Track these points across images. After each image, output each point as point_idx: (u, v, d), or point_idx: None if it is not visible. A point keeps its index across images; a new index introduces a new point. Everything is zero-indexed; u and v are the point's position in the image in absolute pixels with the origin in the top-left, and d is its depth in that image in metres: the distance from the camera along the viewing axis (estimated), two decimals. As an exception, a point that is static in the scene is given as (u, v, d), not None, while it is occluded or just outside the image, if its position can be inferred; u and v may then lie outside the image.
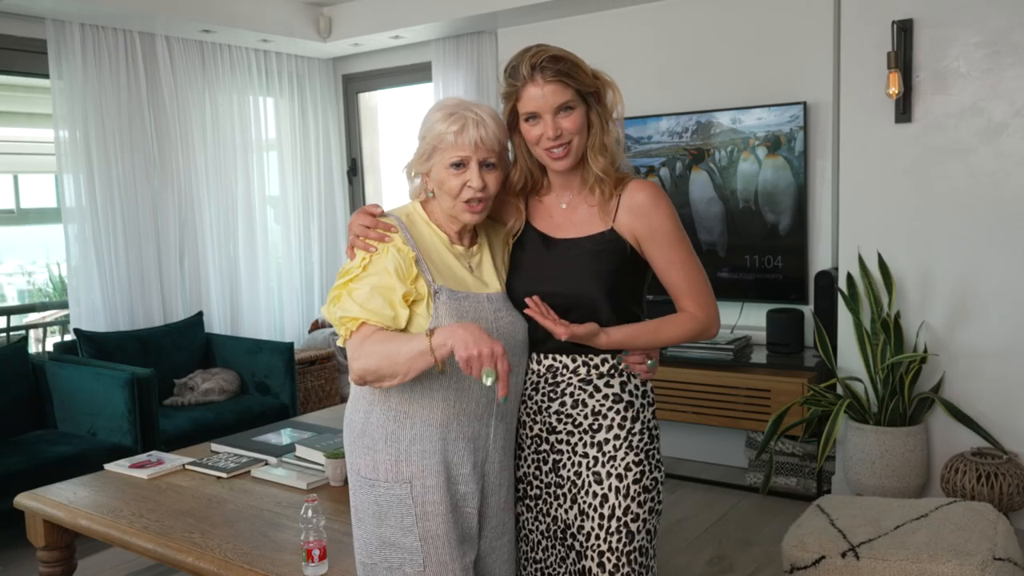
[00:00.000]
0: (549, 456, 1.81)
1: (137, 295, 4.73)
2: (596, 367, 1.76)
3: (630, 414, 1.76)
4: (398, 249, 1.67)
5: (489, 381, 1.47)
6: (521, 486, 1.85)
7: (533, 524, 1.85)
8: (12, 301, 5.90)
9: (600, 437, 1.75)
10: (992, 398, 3.57)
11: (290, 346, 4.72)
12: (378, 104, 6.12)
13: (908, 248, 3.69)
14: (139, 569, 3.34)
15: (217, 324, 5.14)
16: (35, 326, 5.49)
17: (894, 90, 3.54)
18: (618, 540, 1.71)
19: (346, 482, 2.14)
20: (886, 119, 3.68)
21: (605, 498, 1.72)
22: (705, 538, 3.54)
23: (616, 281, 1.74)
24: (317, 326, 5.70)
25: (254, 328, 5.34)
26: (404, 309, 1.64)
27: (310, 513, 2.06)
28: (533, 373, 1.80)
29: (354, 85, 5.94)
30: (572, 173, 1.77)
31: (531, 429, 1.82)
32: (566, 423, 1.77)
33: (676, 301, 1.78)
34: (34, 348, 5.16)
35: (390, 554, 1.70)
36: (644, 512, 1.73)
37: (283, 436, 3.14)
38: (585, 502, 1.75)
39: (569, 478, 1.78)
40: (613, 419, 1.75)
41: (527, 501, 1.85)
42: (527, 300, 1.65)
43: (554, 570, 1.84)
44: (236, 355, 4.76)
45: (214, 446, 3.10)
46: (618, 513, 1.72)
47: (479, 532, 1.76)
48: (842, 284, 3.79)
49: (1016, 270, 3.49)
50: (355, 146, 6.02)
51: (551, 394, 1.78)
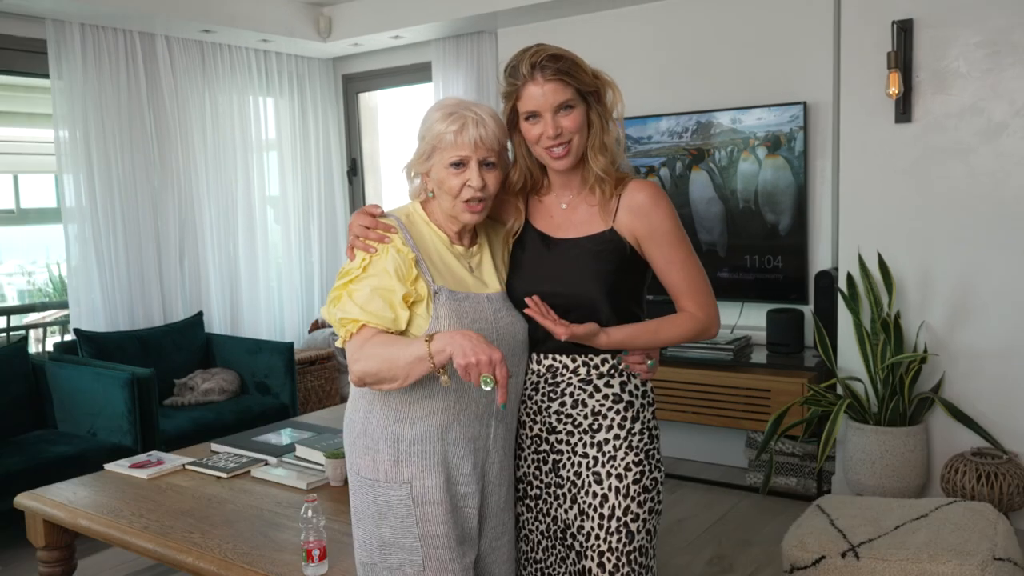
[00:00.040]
0: (549, 456, 1.80)
1: (137, 295, 4.73)
2: (596, 367, 1.76)
3: (630, 414, 1.76)
4: (398, 250, 1.66)
5: (488, 388, 1.47)
6: (521, 486, 1.85)
7: (533, 524, 1.85)
8: (12, 301, 5.90)
9: (600, 437, 1.75)
10: (992, 398, 3.57)
11: (290, 346, 4.72)
12: (378, 104, 6.12)
13: (908, 248, 3.69)
14: (139, 569, 3.34)
15: (217, 324, 5.14)
16: (35, 326, 5.49)
17: (894, 90, 3.54)
18: (618, 540, 1.71)
19: (346, 482, 2.14)
20: (886, 119, 3.68)
21: (605, 498, 1.72)
22: (705, 538, 3.54)
23: (616, 281, 1.74)
24: (317, 326, 5.70)
25: (254, 328, 5.34)
26: (404, 311, 1.64)
27: (310, 513, 2.06)
28: (533, 373, 1.80)
29: (354, 85, 5.94)
30: (572, 173, 1.77)
31: (531, 429, 1.82)
32: (566, 423, 1.77)
33: (676, 301, 1.78)
34: (34, 348, 5.16)
35: (390, 554, 1.70)
36: (644, 512, 1.73)
37: (283, 436, 3.14)
38: (585, 502, 1.75)
39: (569, 478, 1.78)
40: (613, 419, 1.75)
41: (527, 501, 1.85)
42: (527, 300, 1.65)
43: (554, 570, 1.84)
44: (236, 355, 4.76)
45: (214, 446, 3.10)
46: (618, 513, 1.72)
47: (479, 532, 1.76)
48: (842, 284, 3.79)
49: (1016, 270, 3.49)
50: (355, 146, 6.02)
51: (551, 394, 1.78)
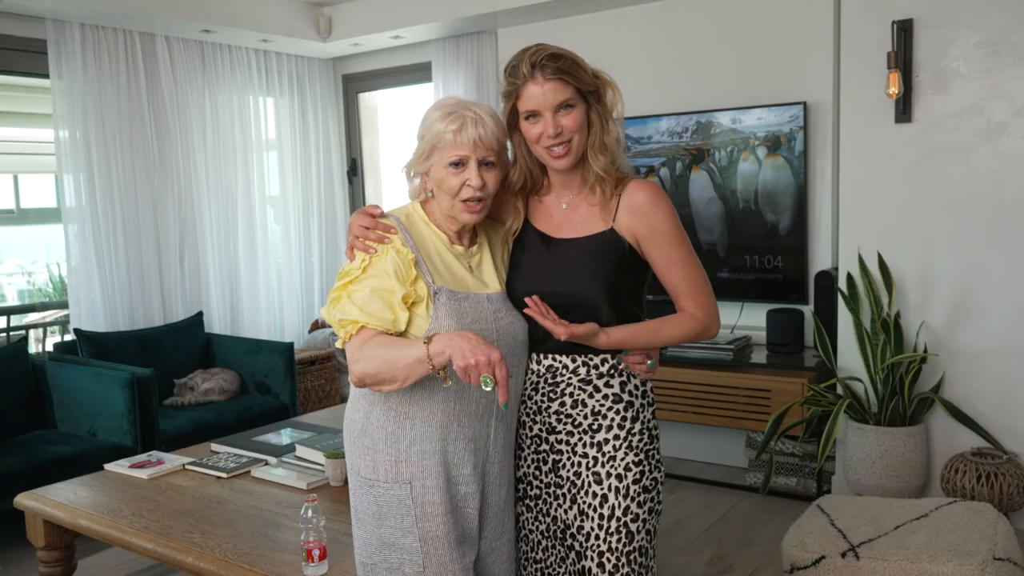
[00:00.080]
0: (549, 456, 1.80)
1: (137, 295, 4.73)
2: (596, 367, 1.76)
3: (630, 414, 1.76)
4: (397, 251, 1.66)
5: (488, 388, 1.47)
6: (521, 486, 1.85)
7: (533, 524, 1.85)
8: (12, 301, 5.90)
9: (600, 437, 1.75)
10: (992, 398, 3.57)
11: (290, 346, 4.72)
12: (378, 104, 6.12)
13: (908, 248, 3.69)
14: (139, 569, 3.34)
15: (217, 324, 5.14)
16: (35, 326, 5.49)
17: (894, 90, 3.54)
18: (618, 540, 1.71)
19: (346, 482, 2.14)
20: (886, 119, 3.68)
21: (605, 498, 1.72)
22: (705, 538, 3.54)
23: (616, 281, 1.74)
24: (317, 326, 5.70)
25: (254, 328, 5.34)
26: (403, 312, 1.64)
27: (310, 513, 2.06)
28: (533, 373, 1.80)
29: (354, 85, 5.94)
30: (572, 173, 1.77)
31: (531, 429, 1.82)
32: (566, 423, 1.77)
33: (676, 301, 1.77)
34: (34, 348, 5.16)
35: (390, 554, 1.70)
36: (644, 512, 1.73)
37: (283, 436, 3.14)
38: (585, 502, 1.75)
39: (569, 478, 1.78)
40: (613, 419, 1.75)
41: (527, 501, 1.85)
42: (526, 300, 1.65)
43: (554, 570, 1.84)
44: (236, 355, 4.76)
45: (214, 446, 3.10)
46: (618, 513, 1.72)
47: (479, 532, 1.76)
48: (842, 284, 3.79)
49: (1016, 270, 3.49)
50: (355, 146, 6.02)
51: (551, 394, 1.78)
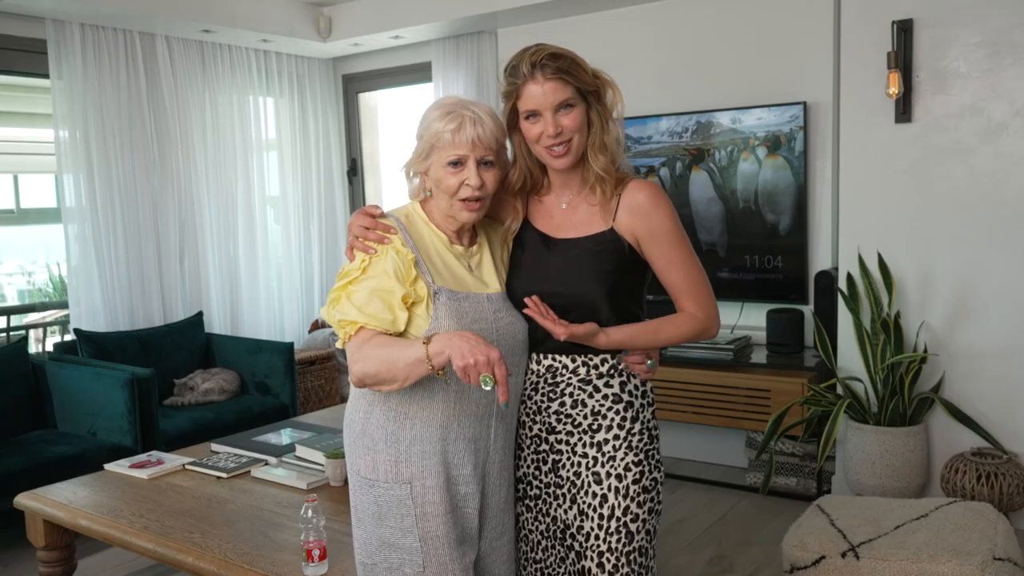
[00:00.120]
0: (549, 456, 1.80)
1: (137, 295, 4.73)
2: (596, 367, 1.76)
3: (630, 414, 1.76)
4: (397, 251, 1.66)
5: (488, 387, 1.47)
6: (521, 486, 1.85)
7: (533, 524, 1.85)
8: (12, 301, 5.90)
9: (600, 437, 1.75)
10: (992, 398, 3.57)
11: (290, 346, 4.72)
12: (378, 104, 6.12)
13: (908, 248, 3.69)
14: (139, 569, 3.34)
15: (217, 324, 5.14)
16: (35, 326, 5.49)
17: (894, 90, 3.54)
18: (617, 540, 1.71)
19: (346, 482, 2.14)
20: (886, 119, 3.68)
21: (604, 498, 1.72)
22: (705, 538, 3.54)
23: (616, 281, 1.74)
24: (317, 326, 5.70)
25: (254, 328, 5.34)
26: (403, 312, 1.64)
27: (310, 513, 2.06)
28: (533, 373, 1.80)
29: (354, 85, 5.94)
30: (572, 173, 1.77)
31: (531, 429, 1.81)
32: (566, 423, 1.77)
33: (676, 301, 1.77)
34: (34, 348, 5.16)
35: (390, 554, 1.70)
36: (643, 512, 1.73)
37: (283, 436, 3.14)
38: (585, 502, 1.75)
39: (568, 478, 1.78)
40: (612, 419, 1.75)
41: (527, 501, 1.85)
42: (526, 300, 1.65)
43: (554, 570, 1.84)
44: (236, 355, 4.76)
45: (214, 446, 3.10)
46: (617, 513, 1.72)
47: (479, 532, 1.76)
48: (842, 284, 3.79)
49: (1016, 270, 3.49)
50: (355, 146, 6.02)
51: (551, 394, 1.78)
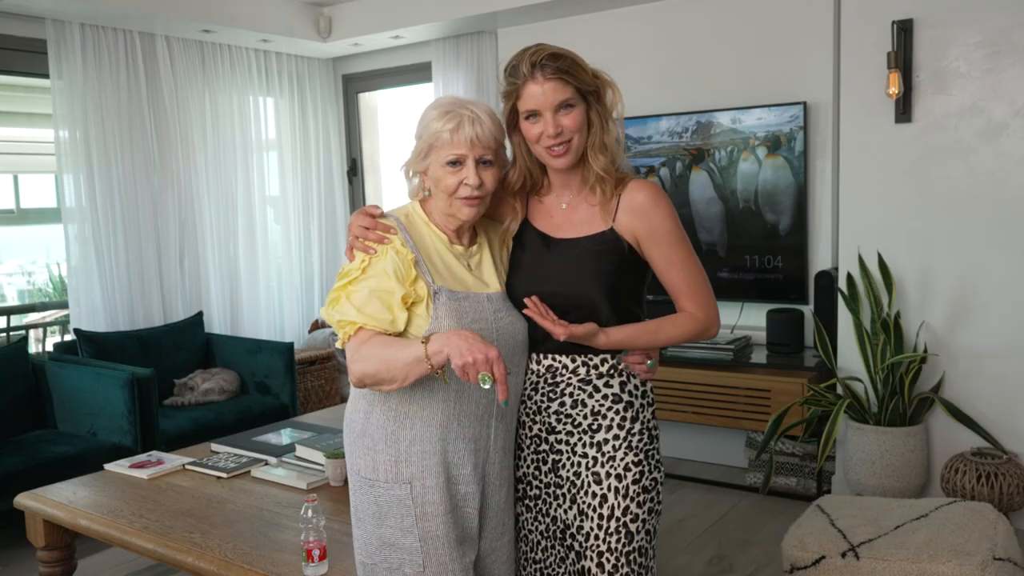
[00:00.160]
0: (548, 456, 1.80)
1: (137, 295, 4.73)
2: (595, 367, 1.76)
3: (629, 414, 1.76)
4: (397, 251, 1.66)
5: (487, 386, 1.47)
6: (521, 486, 1.85)
7: (532, 524, 1.85)
8: (12, 301, 5.90)
9: (599, 437, 1.75)
10: (992, 398, 3.57)
11: (290, 346, 4.72)
12: (378, 104, 6.12)
13: (908, 248, 3.69)
14: (139, 569, 3.34)
15: (217, 324, 5.14)
16: (35, 326, 5.49)
17: (894, 90, 3.54)
18: (617, 540, 1.71)
19: (346, 482, 2.14)
20: (886, 119, 3.68)
21: (604, 498, 1.72)
22: (705, 538, 3.54)
23: (616, 281, 1.74)
24: (317, 326, 5.70)
25: (254, 328, 5.34)
26: (402, 312, 1.64)
27: (310, 513, 2.06)
28: (532, 373, 1.80)
29: (354, 85, 5.94)
30: (572, 173, 1.77)
31: (530, 429, 1.81)
32: (565, 423, 1.77)
33: (676, 301, 1.77)
34: (34, 348, 5.16)
35: (390, 554, 1.70)
36: (643, 512, 1.73)
37: (283, 436, 3.14)
38: (584, 502, 1.75)
39: (568, 478, 1.78)
40: (612, 419, 1.75)
41: (527, 501, 1.85)
42: (526, 300, 1.65)
43: (553, 570, 1.84)
44: (236, 355, 4.76)
45: (214, 446, 3.10)
46: (617, 513, 1.72)
47: (479, 532, 1.76)
48: (842, 284, 3.79)
49: (1016, 270, 3.49)
50: (355, 146, 6.02)
51: (550, 394, 1.78)
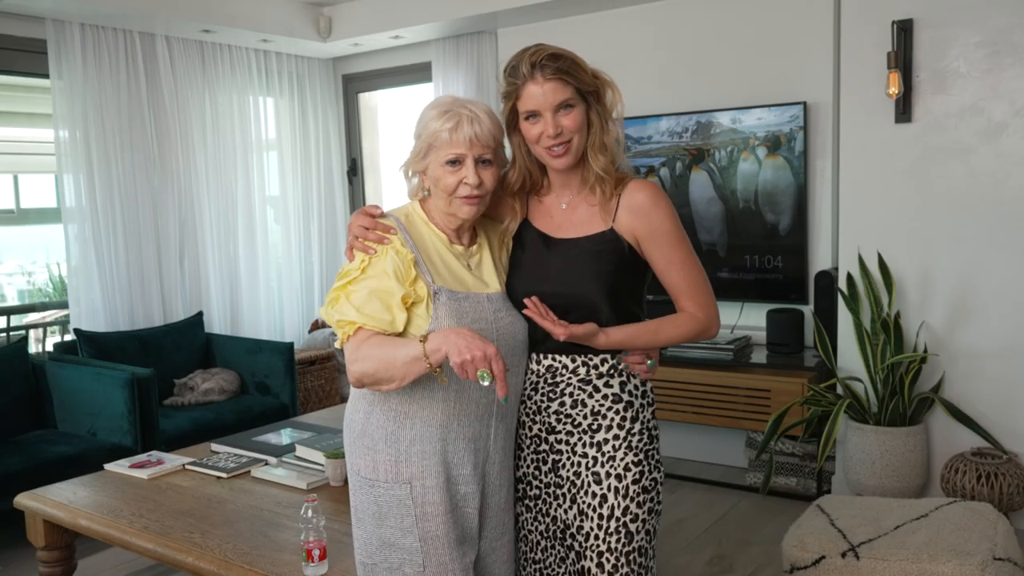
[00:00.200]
0: (548, 456, 1.80)
1: (137, 295, 4.73)
2: (595, 367, 1.76)
3: (629, 414, 1.76)
4: (396, 251, 1.66)
5: (486, 383, 1.47)
6: (520, 486, 1.85)
7: (532, 524, 1.85)
8: (12, 301, 5.90)
9: (599, 437, 1.75)
10: (992, 398, 3.57)
11: (290, 346, 4.72)
12: (378, 104, 6.12)
13: (908, 248, 3.69)
14: (139, 569, 3.34)
15: (217, 324, 5.14)
16: (35, 326, 5.49)
17: (894, 90, 3.54)
18: (617, 540, 1.71)
19: (346, 482, 2.14)
20: (886, 119, 3.68)
21: (604, 498, 1.72)
22: (705, 538, 3.54)
23: (616, 281, 1.74)
24: (317, 326, 5.70)
25: (254, 328, 5.34)
26: (402, 313, 1.64)
27: (310, 513, 2.06)
28: (532, 373, 1.80)
29: (354, 85, 5.93)
30: (572, 173, 1.77)
31: (530, 429, 1.81)
32: (565, 423, 1.77)
33: (676, 301, 1.77)
34: (34, 348, 5.16)
35: (390, 554, 1.70)
36: (643, 512, 1.73)
37: (283, 436, 3.14)
38: (584, 502, 1.75)
39: (568, 478, 1.78)
40: (612, 419, 1.75)
41: (526, 501, 1.85)
42: (525, 301, 1.65)
43: (553, 570, 1.84)
44: (236, 355, 4.76)
45: (214, 446, 3.10)
46: (617, 513, 1.72)
47: (479, 532, 1.76)
48: (842, 284, 3.79)
49: (1016, 270, 3.49)
50: (355, 146, 6.02)
51: (550, 394, 1.78)
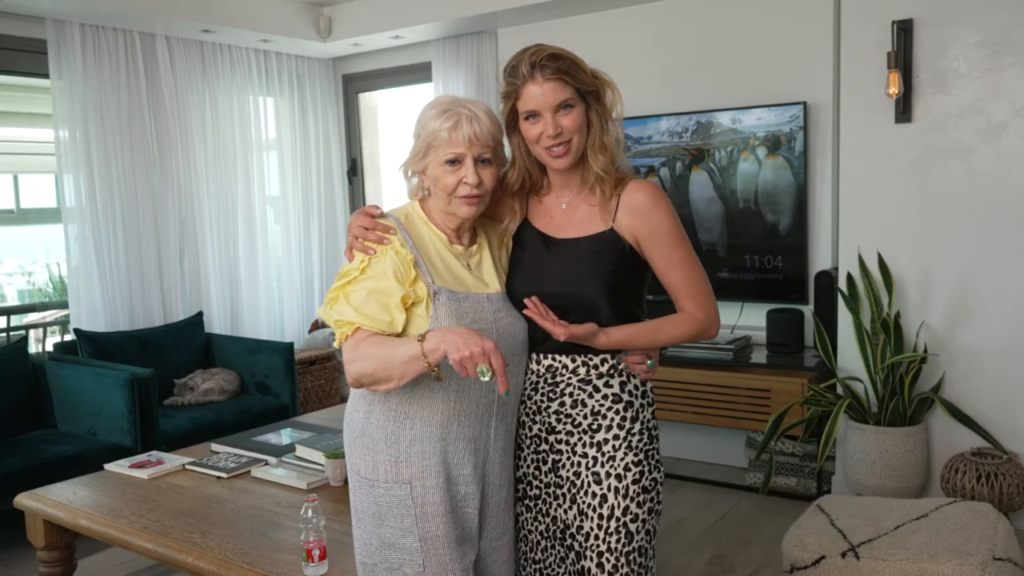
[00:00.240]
0: (548, 456, 1.80)
1: (137, 295, 4.73)
2: (595, 367, 1.76)
3: (629, 414, 1.76)
4: (396, 252, 1.66)
5: (485, 378, 1.48)
6: (520, 486, 1.85)
7: (532, 524, 1.85)
8: (12, 301, 5.90)
9: (599, 437, 1.75)
10: (992, 398, 3.57)
11: (290, 346, 4.72)
12: (378, 104, 6.12)
13: (908, 248, 3.69)
14: (139, 569, 3.34)
15: (217, 324, 5.14)
16: (35, 326, 5.49)
17: (894, 90, 3.54)
18: (617, 540, 1.71)
19: (346, 482, 2.14)
20: (886, 119, 3.68)
21: (604, 498, 1.72)
22: (705, 538, 3.54)
23: (616, 281, 1.74)
24: (317, 326, 5.70)
25: (254, 328, 5.34)
26: (401, 313, 1.64)
27: (310, 513, 2.06)
28: (532, 373, 1.80)
29: (354, 85, 5.93)
30: (572, 173, 1.77)
31: (530, 429, 1.81)
32: (565, 423, 1.77)
33: (676, 301, 1.78)
34: (34, 348, 5.16)
35: (390, 554, 1.70)
36: (643, 512, 1.73)
37: (283, 436, 3.14)
38: (584, 502, 1.75)
39: (568, 478, 1.78)
40: (612, 419, 1.75)
41: (526, 501, 1.85)
42: (526, 301, 1.65)
43: (553, 570, 1.84)
44: (236, 355, 4.76)
45: (214, 446, 3.10)
46: (617, 513, 1.72)
47: (479, 532, 1.76)
48: (842, 284, 3.79)
49: (1016, 270, 3.49)
50: (355, 146, 6.02)
51: (550, 394, 1.78)
